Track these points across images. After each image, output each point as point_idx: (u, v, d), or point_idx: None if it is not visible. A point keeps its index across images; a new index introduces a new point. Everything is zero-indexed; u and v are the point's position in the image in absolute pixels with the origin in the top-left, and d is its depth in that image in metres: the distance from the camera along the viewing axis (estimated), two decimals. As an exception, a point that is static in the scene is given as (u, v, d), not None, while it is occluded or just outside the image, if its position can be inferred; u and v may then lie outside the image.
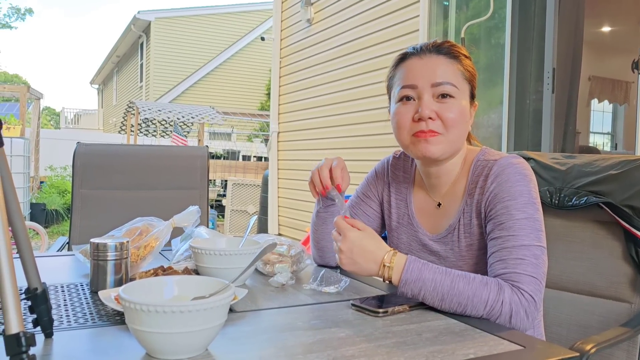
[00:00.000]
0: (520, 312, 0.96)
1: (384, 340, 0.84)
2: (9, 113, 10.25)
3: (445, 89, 1.11)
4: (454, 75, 1.13)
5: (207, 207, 2.20)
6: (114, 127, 17.30)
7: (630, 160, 1.35)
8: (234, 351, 0.80)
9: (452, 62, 1.14)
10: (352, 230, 1.03)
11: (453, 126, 1.11)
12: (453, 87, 1.12)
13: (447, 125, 1.11)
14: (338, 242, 1.04)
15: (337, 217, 1.07)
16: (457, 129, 1.12)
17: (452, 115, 1.11)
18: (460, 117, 1.12)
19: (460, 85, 1.13)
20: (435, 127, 1.11)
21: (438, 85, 1.11)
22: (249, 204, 6.97)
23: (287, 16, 6.10)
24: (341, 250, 1.03)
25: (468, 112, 1.15)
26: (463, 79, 1.14)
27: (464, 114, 1.13)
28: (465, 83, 1.15)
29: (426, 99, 1.11)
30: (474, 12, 3.76)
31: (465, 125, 1.15)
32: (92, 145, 2.19)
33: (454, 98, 1.12)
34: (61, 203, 8.47)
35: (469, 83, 1.16)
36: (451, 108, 1.11)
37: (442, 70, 1.12)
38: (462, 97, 1.13)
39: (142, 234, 1.29)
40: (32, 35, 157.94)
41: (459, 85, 1.13)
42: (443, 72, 1.12)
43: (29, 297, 0.81)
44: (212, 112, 10.39)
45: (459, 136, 1.14)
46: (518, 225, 1.03)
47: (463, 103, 1.13)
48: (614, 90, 6.33)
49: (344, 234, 1.03)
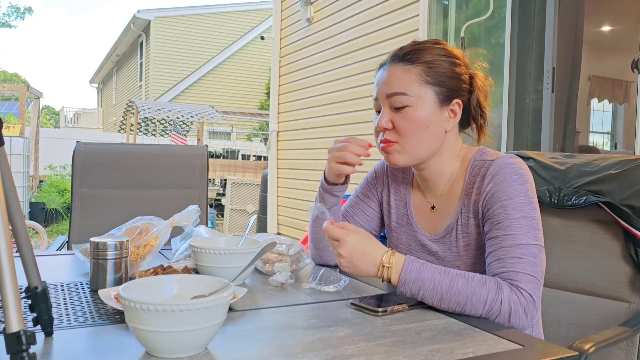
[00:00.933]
0: (519, 310, 0.97)
1: (383, 339, 0.84)
2: (8, 112, 10.25)
3: (397, 99, 1.12)
4: (408, 84, 1.11)
5: (206, 206, 2.20)
6: (114, 126, 17.30)
7: (629, 159, 1.35)
8: (234, 350, 0.80)
9: (410, 68, 1.12)
10: (349, 235, 1.02)
11: (407, 135, 1.12)
12: (405, 97, 1.11)
13: (401, 134, 1.13)
14: (337, 248, 1.03)
15: (325, 223, 1.06)
16: (412, 137, 1.12)
17: (405, 125, 1.12)
18: (414, 125, 1.11)
19: (415, 92, 1.11)
20: (389, 136, 1.14)
21: (391, 96, 1.13)
22: (249, 203, 6.97)
23: (286, 15, 6.09)
24: (341, 255, 1.02)
25: (430, 117, 1.12)
26: (423, 83, 1.11)
27: (420, 121, 1.11)
28: (425, 87, 1.11)
29: (384, 111, 1.15)
30: (473, 12, 3.76)
31: (426, 131, 1.12)
32: (92, 145, 2.19)
33: (408, 106, 1.11)
34: (61, 202, 8.47)
35: (437, 85, 1.12)
36: (404, 118, 1.12)
37: (395, 80, 1.12)
38: (421, 103, 1.11)
39: (141, 233, 1.30)
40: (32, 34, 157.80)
41: (412, 92, 1.11)
42: (395, 82, 1.12)
43: (29, 295, 0.82)
44: (211, 111, 10.39)
45: (420, 142, 1.13)
46: (515, 224, 1.03)
47: (420, 110, 1.11)
48: (613, 90, 6.33)
49: (342, 240, 1.02)
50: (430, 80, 1.12)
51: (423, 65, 1.12)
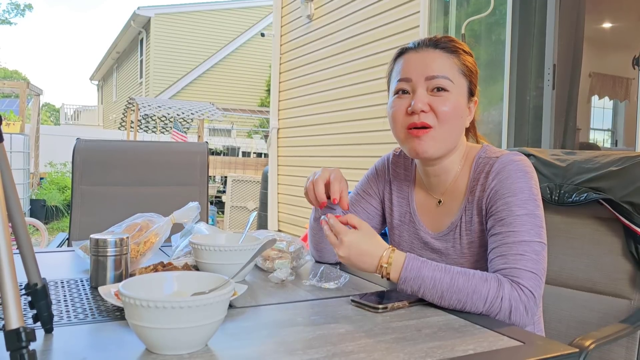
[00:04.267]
0: (520, 307, 0.97)
1: (383, 336, 0.84)
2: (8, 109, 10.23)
3: (439, 82, 1.10)
4: (450, 69, 1.12)
5: (206, 204, 2.19)
6: (114, 124, 17.30)
7: (630, 156, 1.35)
8: (234, 347, 0.80)
9: (449, 56, 1.13)
10: (347, 234, 1.03)
11: (445, 120, 1.10)
12: (448, 81, 1.10)
13: (440, 118, 1.10)
14: (335, 248, 1.04)
15: (329, 217, 1.06)
16: (449, 123, 1.11)
17: (446, 109, 1.10)
18: (453, 111, 1.11)
19: (456, 80, 1.12)
20: (427, 119, 1.10)
21: (432, 78, 1.10)
22: (249, 200, 6.97)
23: (287, 12, 6.08)
24: (339, 255, 1.04)
25: (463, 108, 1.14)
26: (460, 73, 1.13)
27: (458, 109, 1.11)
28: (462, 78, 1.13)
29: (420, 92, 1.11)
30: (474, 8, 3.75)
31: (460, 121, 1.13)
32: (92, 142, 2.19)
33: (448, 92, 1.10)
34: (61, 199, 8.47)
35: (467, 79, 1.14)
36: (445, 101, 1.10)
37: (438, 63, 1.12)
38: (458, 91, 1.12)
39: (142, 230, 1.29)
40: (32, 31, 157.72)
41: (454, 79, 1.11)
42: (438, 66, 1.11)
43: (29, 292, 0.81)
44: (212, 109, 10.39)
45: (452, 131, 1.12)
46: (519, 221, 1.03)
47: (458, 98, 1.12)
48: (614, 87, 6.32)
49: (340, 240, 1.03)
50: (465, 72, 1.13)
51: (459, 56, 1.13)
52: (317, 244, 1.35)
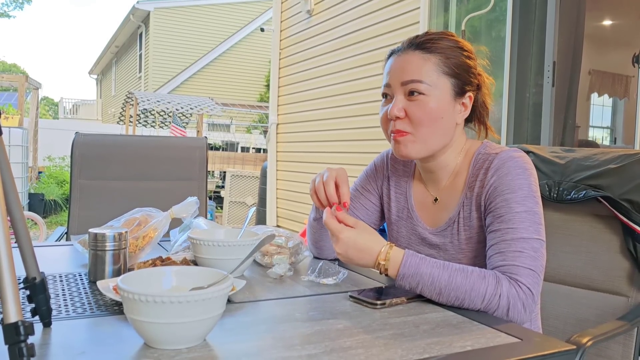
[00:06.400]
0: (518, 304, 0.97)
1: (381, 332, 0.84)
2: (7, 103, 10.21)
3: (414, 86, 1.09)
4: (427, 72, 1.09)
5: (205, 198, 2.19)
6: (113, 118, 17.26)
7: (629, 154, 1.35)
8: (232, 342, 0.80)
9: (428, 56, 1.10)
10: (343, 232, 1.03)
11: (421, 125, 1.10)
12: (422, 84, 1.09)
13: (415, 124, 1.10)
14: (333, 244, 1.05)
15: (326, 215, 1.05)
16: (426, 127, 1.10)
17: (419, 114, 1.09)
18: (429, 115, 1.09)
19: (434, 81, 1.09)
20: (402, 126, 1.10)
21: (407, 83, 1.10)
22: (248, 196, 6.97)
23: (287, 7, 6.07)
24: (337, 252, 1.04)
25: (445, 109, 1.11)
26: (441, 73, 1.10)
27: (436, 111, 1.09)
28: (443, 77, 1.10)
29: (396, 98, 1.11)
30: (474, 5, 3.74)
31: (440, 122, 1.10)
32: (91, 136, 2.19)
33: (424, 95, 1.09)
34: (59, 193, 8.46)
35: (453, 77, 1.11)
36: (419, 105, 1.09)
37: (413, 66, 1.10)
38: (438, 93, 1.09)
39: (140, 224, 1.29)
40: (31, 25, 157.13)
41: (431, 81, 1.09)
42: (412, 69, 1.10)
43: (28, 286, 0.82)
44: (211, 103, 10.38)
45: (432, 133, 1.11)
46: (517, 218, 1.03)
47: (438, 99, 1.09)
48: (614, 84, 6.31)
49: (336, 237, 1.03)
50: (447, 70, 1.11)
51: (440, 55, 1.11)
52: (316, 241, 1.35)
